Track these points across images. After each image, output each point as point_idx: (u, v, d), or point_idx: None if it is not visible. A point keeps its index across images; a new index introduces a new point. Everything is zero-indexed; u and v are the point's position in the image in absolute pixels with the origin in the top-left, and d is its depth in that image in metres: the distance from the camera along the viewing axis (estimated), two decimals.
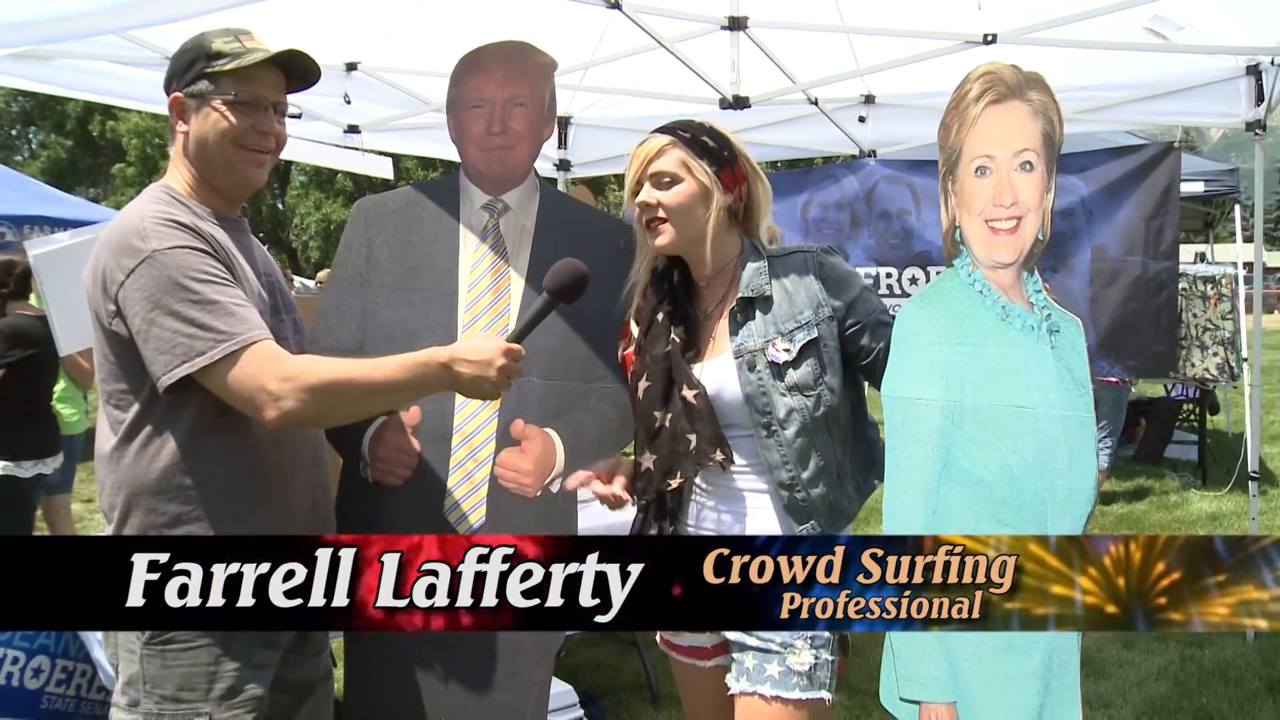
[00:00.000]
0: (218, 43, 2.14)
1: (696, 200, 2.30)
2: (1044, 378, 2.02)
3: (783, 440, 2.27)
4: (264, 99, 2.18)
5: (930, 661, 1.98)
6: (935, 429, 1.99)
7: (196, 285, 1.99)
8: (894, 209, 6.01)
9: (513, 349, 2.08)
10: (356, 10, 4.45)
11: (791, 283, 2.33)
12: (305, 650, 2.32)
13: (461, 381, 2.06)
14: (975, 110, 2.01)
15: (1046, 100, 2.02)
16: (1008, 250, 2.03)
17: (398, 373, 2.03)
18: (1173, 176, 5.38)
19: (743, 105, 4.76)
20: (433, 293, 2.43)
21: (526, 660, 2.47)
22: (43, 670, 3.43)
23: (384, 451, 2.33)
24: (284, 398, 1.96)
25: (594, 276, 2.41)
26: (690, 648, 2.49)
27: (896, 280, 6.04)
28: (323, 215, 29.88)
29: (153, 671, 2.05)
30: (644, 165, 2.32)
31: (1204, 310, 9.06)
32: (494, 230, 2.49)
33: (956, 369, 1.99)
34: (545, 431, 2.38)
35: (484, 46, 2.48)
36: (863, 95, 5.51)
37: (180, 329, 1.97)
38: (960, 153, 2.03)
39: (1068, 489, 2.01)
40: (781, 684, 2.25)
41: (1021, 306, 2.06)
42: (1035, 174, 2.00)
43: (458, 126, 2.49)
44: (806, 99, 5.27)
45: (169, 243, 2.01)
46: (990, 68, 2.03)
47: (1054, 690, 2.05)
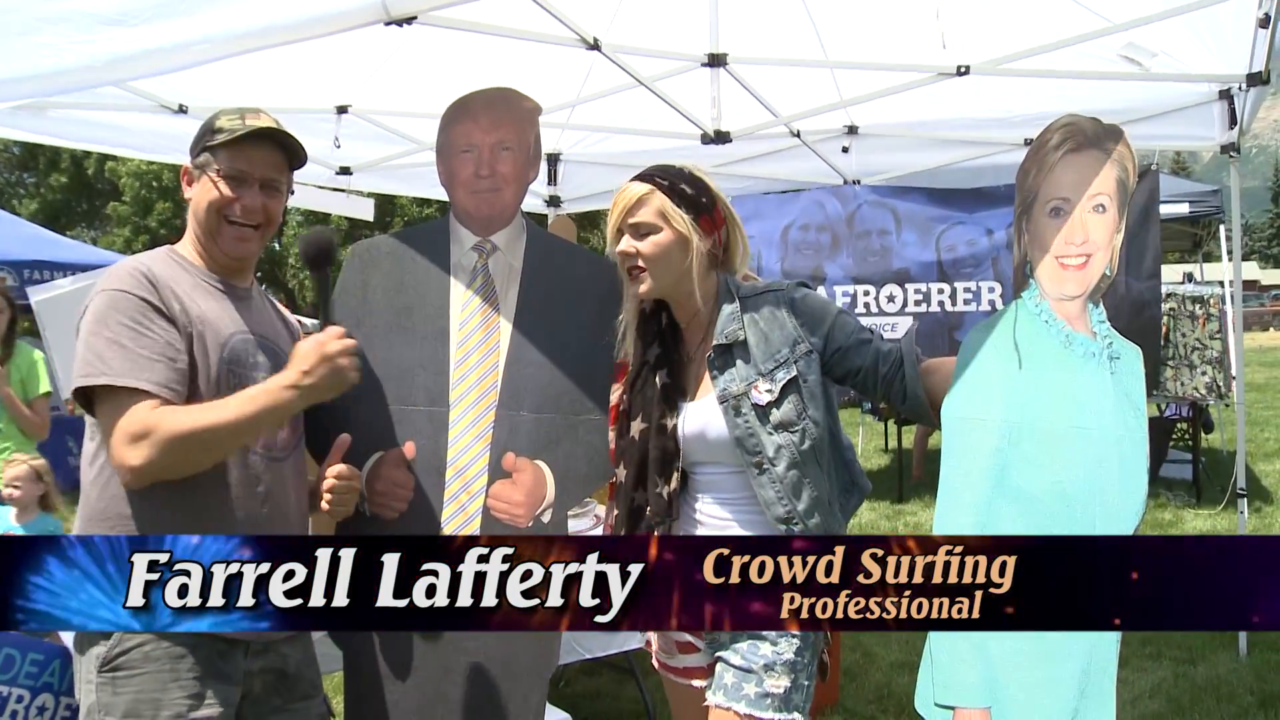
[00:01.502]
0: (222, 119, 2.27)
1: (675, 248, 2.36)
2: (1103, 401, 2.13)
3: (775, 476, 2.33)
4: (250, 175, 2.28)
5: (967, 667, 2.06)
6: (992, 449, 2.10)
7: (114, 324, 2.10)
8: (875, 229, 6.09)
9: (330, 332, 2.17)
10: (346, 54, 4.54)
11: (766, 323, 2.38)
12: (290, 693, 2.34)
13: (315, 387, 2.14)
14: (1054, 157, 2.15)
15: (1123, 151, 2.16)
16: (1075, 284, 2.17)
17: (246, 407, 2.11)
18: (1151, 198, 5.47)
19: (725, 140, 4.86)
20: (425, 331, 2.51)
21: (522, 684, 2.53)
22: (47, 708, 3.46)
23: (381, 485, 2.40)
24: (134, 452, 2.04)
25: (579, 313, 2.51)
26: (685, 669, 2.55)
27: (874, 298, 6.11)
28: None
29: (105, 699, 2.12)
30: (623, 214, 2.38)
31: (1192, 330, 9.15)
32: (483, 270, 2.56)
33: (1017, 392, 2.11)
34: (536, 464, 2.45)
35: (471, 94, 2.56)
36: (845, 126, 5.59)
37: (85, 353, 2.10)
38: (1036, 195, 2.17)
39: (1118, 504, 2.12)
40: (756, 704, 2.31)
41: (1085, 335, 2.17)
42: (1107, 216, 2.14)
43: (447, 171, 2.58)
44: (789, 131, 5.35)
45: (115, 285, 2.14)
46: (1071, 119, 2.17)
47: (1089, 695, 2.12)
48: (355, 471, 2.36)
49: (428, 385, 2.49)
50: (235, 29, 2.21)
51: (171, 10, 2.25)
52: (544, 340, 2.52)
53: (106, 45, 2.32)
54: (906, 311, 6.00)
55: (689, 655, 2.53)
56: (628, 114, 5.37)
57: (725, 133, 4.86)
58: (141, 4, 2.28)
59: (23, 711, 3.41)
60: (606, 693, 5.00)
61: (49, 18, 2.36)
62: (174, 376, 2.12)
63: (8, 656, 3.34)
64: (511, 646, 2.50)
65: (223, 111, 2.31)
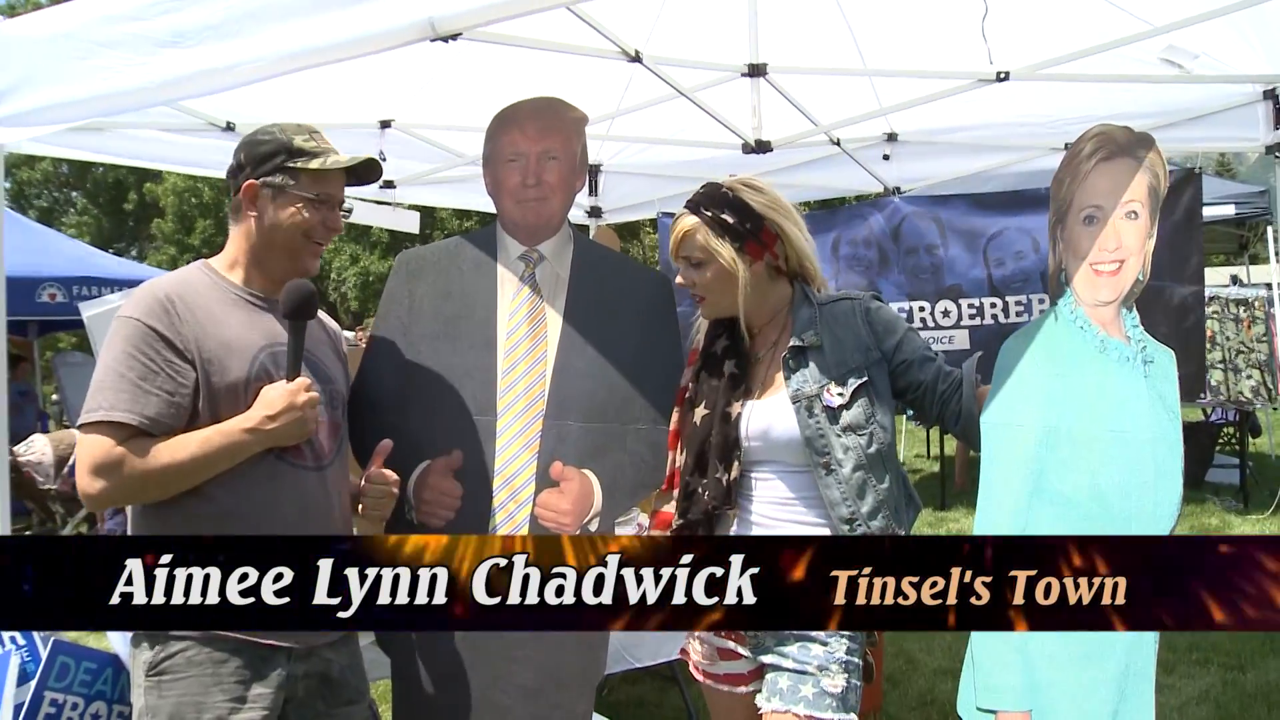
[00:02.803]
0: (298, 140, 2.33)
1: (725, 276, 2.45)
2: (1138, 405, 2.17)
3: (841, 478, 2.37)
4: (336, 198, 2.37)
5: (1009, 671, 2.08)
6: (1030, 454, 2.14)
7: (119, 353, 2.19)
8: (921, 244, 6.06)
9: (300, 384, 2.25)
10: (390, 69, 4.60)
11: (841, 329, 2.45)
12: (335, 699, 2.38)
13: (275, 432, 2.22)
14: (1087, 166, 2.19)
15: (1155, 158, 2.19)
16: (1109, 290, 2.20)
17: (203, 448, 2.18)
18: (1194, 201, 5.41)
19: (765, 149, 4.86)
20: (473, 340, 2.54)
21: (569, 694, 2.55)
22: (100, 715, 3.54)
23: (428, 494, 2.44)
24: (94, 483, 2.14)
25: (627, 322, 2.54)
26: (726, 675, 2.56)
27: (930, 313, 6.08)
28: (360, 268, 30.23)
29: (152, 702, 2.20)
30: (676, 246, 2.49)
31: (1237, 333, 9.05)
32: (530, 279, 2.60)
33: (1054, 397, 2.15)
34: (583, 472, 2.48)
35: (517, 103, 2.60)
36: (885, 134, 5.58)
37: (92, 382, 2.20)
38: (1070, 204, 2.22)
39: (1154, 506, 2.15)
40: (815, 704, 2.33)
41: (1119, 340, 2.20)
42: (1140, 222, 2.18)
43: (494, 181, 2.61)
44: (829, 140, 5.35)
45: (132, 311, 2.22)
46: (1102, 129, 2.21)
47: (1129, 696, 2.13)
48: (392, 475, 2.40)
49: (475, 394, 2.52)
50: (286, 49, 2.27)
51: (224, 32, 2.32)
52: (591, 349, 2.55)
53: (162, 67, 2.39)
54: (961, 325, 5.95)
55: (731, 662, 2.55)
56: (668, 125, 5.39)
57: (766, 142, 4.86)
58: (195, 25, 2.35)
59: (76, 718, 3.49)
60: (649, 701, 5.02)
61: (106, 41, 2.44)
62: (168, 412, 2.19)
63: (63, 665, 3.41)
64: (560, 655, 2.52)
65: (286, 128, 2.35)
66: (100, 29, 2.48)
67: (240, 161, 2.36)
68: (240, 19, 2.31)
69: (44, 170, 31.97)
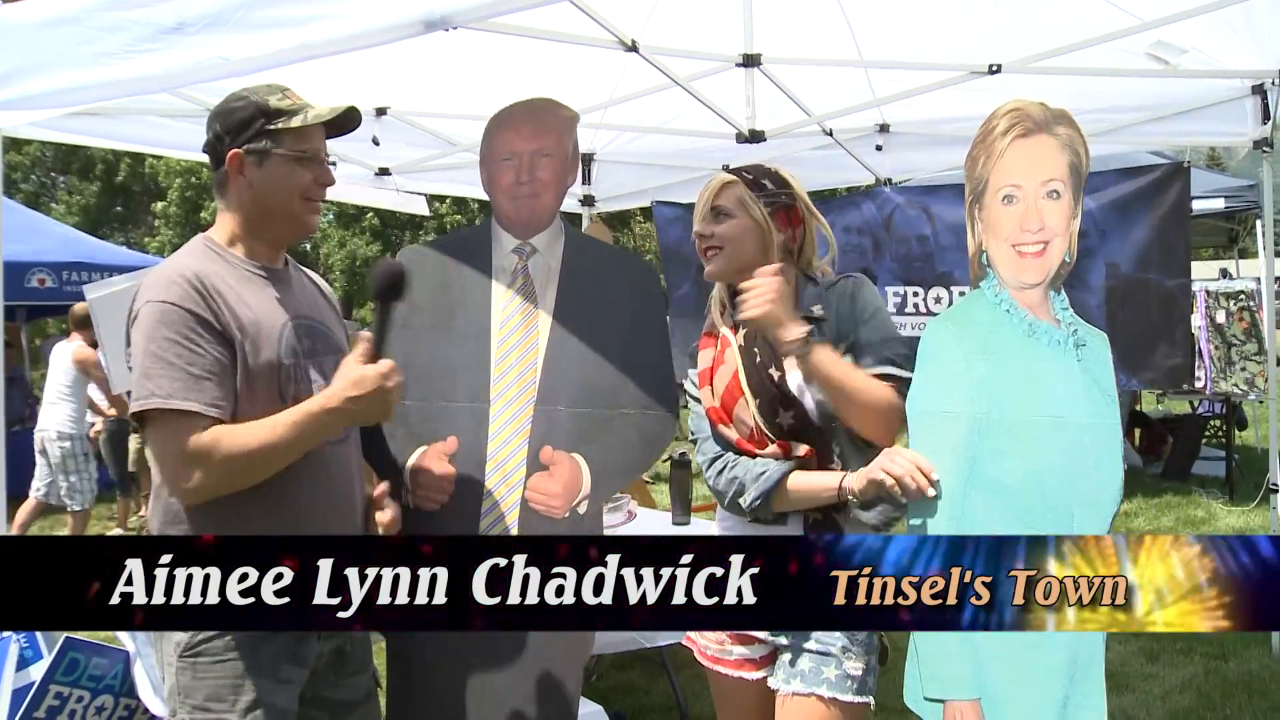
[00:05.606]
0: (273, 100, 2.25)
1: (748, 233, 2.48)
2: (1071, 389, 2.10)
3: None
4: (322, 152, 2.32)
5: (954, 660, 2.03)
6: (961, 441, 2.06)
7: (162, 340, 2.10)
8: (913, 235, 6.13)
9: (389, 365, 2.18)
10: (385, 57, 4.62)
11: (841, 305, 2.47)
12: (343, 669, 2.40)
13: (358, 413, 2.18)
14: (1002, 144, 2.11)
15: (1073, 134, 2.12)
16: (1035, 272, 2.13)
17: (290, 432, 2.12)
18: (1183, 195, 5.45)
19: (759, 139, 4.90)
20: (468, 330, 2.60)
21: (557, 668, 2.61)
22: (105, 708, 3.61)
23: (423, 478, 2.48)
24: (189, 475, 2.07)
25: (616, 311, 2.59)
26: (737, 660, 2.59)
27: (922, 299, 6.17)
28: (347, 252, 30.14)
29: (185, 682, 2.17)
30: (708, 200, 2.52)
31: (1228, 326, 9.11)
32: (523, 271, 2.65)
33: (983, 383, 2.06)
34: (572, 456, 2.52)
35: (513, 104, 2.65)
36: (878, 124, 5.61)
37: (137, 373, 2.12)
38: (987, 183, 2.14)
39: (1095, 492, 2.09)
40: (838, 686, 2.36)
41: (1048, 323, 2.15)
42: (1062, 201, 2.10)
43: (489, 178, 2.67)
44: (822, 130, 5.39)
45: (163, 296, 2.12)
46: (1017, 104, 2.14)
47: (1079, 683, 2.10)
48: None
49: (469, 382, 2.57)
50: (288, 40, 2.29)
51: (225, 21, 2.34)
52: (581, 338, 2.60)
53: (163, 54, 2.41)
54: None
55: (744, 646, 2.57)
56: (662, 114, 5.43)
57: (760, 132, 4.91)
58: (197, 14, 2.37)
59: (81, 710, 3.56)
60: (638, 687, 5.04)
61: (110, 26, 2.46)
62: (221, 394, 2.12)
63: (72, 660, 3.50)
64: (548, 634, 2.55)
65: (257, 91, 2.28)
66: (102, 13, 2.51)
67: (217, 132, 2.27)
68: (242, 7, 2.33)
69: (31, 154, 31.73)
